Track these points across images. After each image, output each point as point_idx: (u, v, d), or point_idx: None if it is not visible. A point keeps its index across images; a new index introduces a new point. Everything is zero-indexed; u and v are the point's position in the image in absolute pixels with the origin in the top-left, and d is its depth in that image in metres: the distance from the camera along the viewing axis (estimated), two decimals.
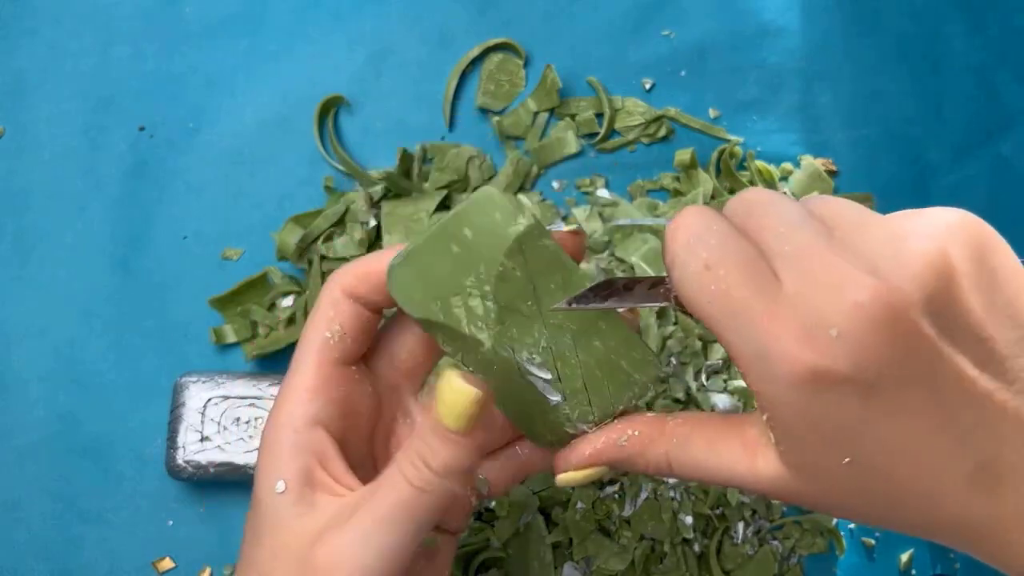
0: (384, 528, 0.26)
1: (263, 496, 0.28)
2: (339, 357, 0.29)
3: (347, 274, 0.29)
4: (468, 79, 0.50)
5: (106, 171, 0.48)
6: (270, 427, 0.29)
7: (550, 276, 0.28)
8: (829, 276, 0.23)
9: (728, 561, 0.45)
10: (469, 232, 0.27)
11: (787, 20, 0.51)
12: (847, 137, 0.50)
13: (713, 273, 0.24)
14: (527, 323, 0.28)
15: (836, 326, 0.22)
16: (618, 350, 0.29)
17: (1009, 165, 0.51)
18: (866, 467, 0.24)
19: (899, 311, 0.22)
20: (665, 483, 0.44)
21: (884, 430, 0.23)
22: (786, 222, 0.24)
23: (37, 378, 0.46)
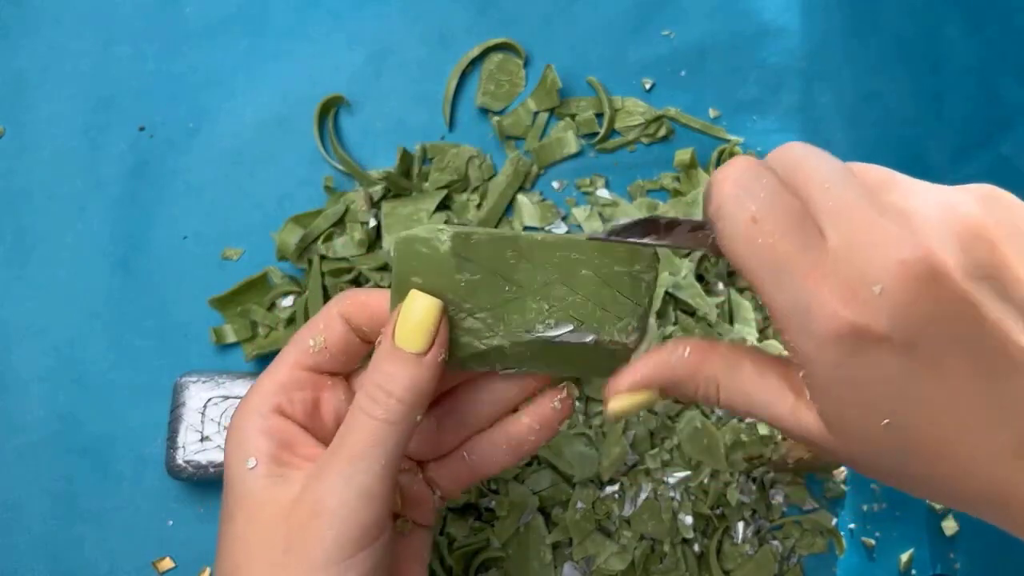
0: (358, 466, 0.27)
1: (234, 474, 0.29)
2: (313, 365, 0.31)
3: (347, 298, 0.31)
4: (468, 79, 0.50)
5: (106, 171, 0.48)
6: (238, 413, 0.30)
7: (502, 255, 0.28)
8: (874, 234, 0.23)
9: (728, 561, 0.45)
10: (417, 278, 0.28)
11: (787, 20, 0.51)
12: (847, 137, 0.50)
13: (760, 227, 0.24)
14: (520, 303, 0.29)
15: (880, 282, 0.22)
16: (601, 267, 0.29)
17: (1009, 165, 0.51)
18: (904, 429, 0.24)
19: (943, 271, 0.22)
20: (665, 483, 0.44)
21: (924, 392, 0.23)
22: (830, 178, 0.24)
23: (37, 378, 0.46)
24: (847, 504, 0.47)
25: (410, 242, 0.28)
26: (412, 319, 0.28)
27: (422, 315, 0.28)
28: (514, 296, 0.29)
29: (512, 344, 0.29)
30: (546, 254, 0.28)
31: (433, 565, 0.43)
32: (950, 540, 0.47)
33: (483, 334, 0.29)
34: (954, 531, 0.47)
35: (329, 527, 0.27)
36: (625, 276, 0.29)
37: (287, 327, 0.46)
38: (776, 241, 0.24)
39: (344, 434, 0.28)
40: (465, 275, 0.28)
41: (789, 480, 0.46)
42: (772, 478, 0.46)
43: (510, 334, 0.29)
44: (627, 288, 0.29)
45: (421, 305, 0.28)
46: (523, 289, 0.28)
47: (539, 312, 0.29)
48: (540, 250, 0.28)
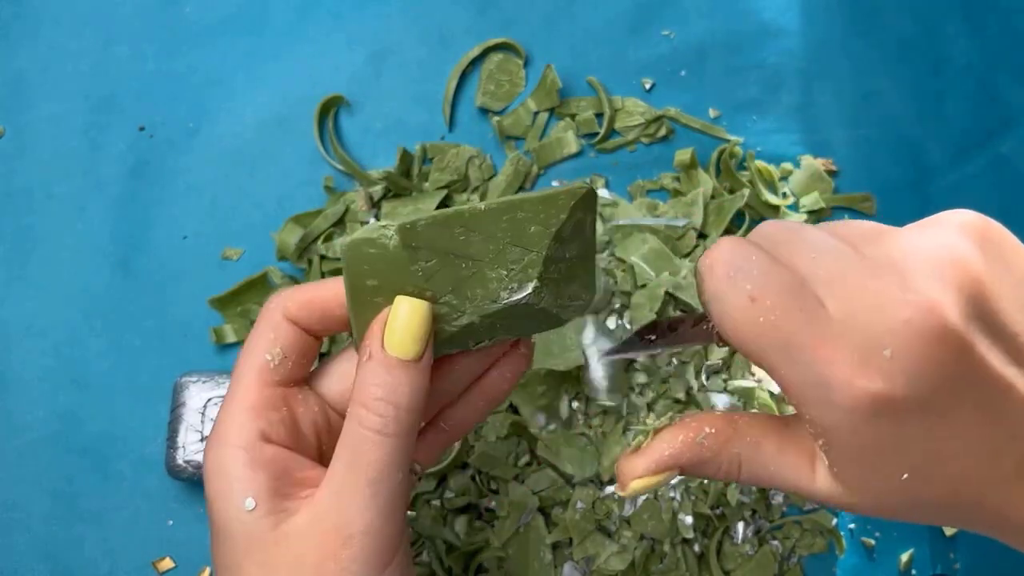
0: (379, 487, 0.26)
1: (230, 520, 0.26)
2: (280, 380, 0.29)
3: (289, 299, 0.29)
4: (468, 79, 0.50)
5: (106, 171, 0.48)
6: (213, 452, 0.28)
7: (451, 234, 0.28)
8: (871, 297, 0.23)
9: (728, 561, 0.45)
10: (372, 281, 0.27)
11: (787, 20, 0.51)
12: (847, 137, 0.50)
13: (759, 305, 0.24)
14: (479, 276, 0.28)
15: (889, 346, 0.22)
16: (548, 220, 0.28)
17: (1009, 165, 0.51)
18: (919, 479, 0.24)
19: (945, 322, 0.22)
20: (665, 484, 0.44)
21: (938, 442, 0.24)
22: (816, 247, 0.24)
23: (37, 378, 0.46)
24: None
25: (357, 246, 0.27)
26: (402, 325, 0.27)
27: (412, 319, 0.27)
28: (472, 271, 0.28)
29: (481, 318, 0.28)
30: (493, 221, 0.28)
31: (433, 565, 0.43)
32: (950, 540, 0.47)
33: (451, 317, 0.28)
34: (954, 531, 0.47)
35: (360, 551, 0.26)
36: (571, 221, 0.28)
37: None
38: (778, 318, 0.23)
39: (356, 455, 0.26)
40: (420, 264, 0.27)
41: None
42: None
43: (477, 309, 0.28)
44: (571, 231, 0.29)
45: (409, 309, 0.27)
46: (479, 262, 0.28)
47: (499, 280, 0.28)
48: (486, 219, 0.28)
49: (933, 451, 0.24)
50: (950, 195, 0.50)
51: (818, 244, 0.24)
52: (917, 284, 0.22)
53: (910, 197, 0.50)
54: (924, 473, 0.24)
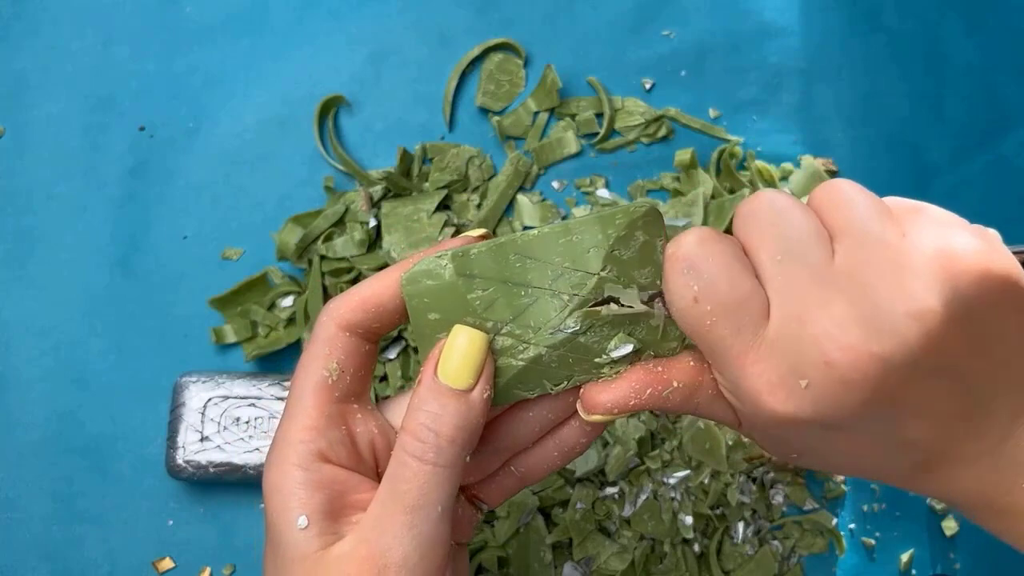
0: (417, 516, 0.26)
1: (283, 535, 0.27)
2: (339, 396, 0.28)
3: (340, 306, 0.28)
4: (468, 79, 0.50)
5: (106, 171, 0.48)
6: (274, 469, 0.28)
7: (506, 261, 0.27)
8: (808, 325, 0.23)
9: (728, 561, 0.45)
10: (433, 314, 0.27)
11: (787, 20, 0.51)
12: (847, 137, 0.50)
13: (700, 307, 0.25)
14: (540, 304, 0.27)
15: (807, 378, 0.24)
16: (606, 241, 0.28)
17: (1009, 165, 0.51)
18: (821, 462, 0.28)
19: (869, 375, 0.23)
20: (665, 484, 0.44)
21: (836, 449, 0.26)
22: (785, 246, 0.24)
23: (37, 378, 0.46)
24: (847, 504, 0.47)
25: (415, 280, 0.27)
26: (456, 354, 0.26)
27: (467, 349, 0.26)
28: (532, 299, 0.27)
29: (548, 349, 0.28)
30: (548, 246, 0.27)
31: None
32: (950, 540, 0.47)
33: (516, 349, 0.28)
34: (954, 531, 0.47)
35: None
36: (630, 241, 0.28)
37: (287, 327, 0.46)
38: (714, 323, 0.25)
39: (396, 482, 0.26)
40: (477, 293, 0.27)
41: (789, 480, 0.46)
42: (772, 478, 0.46)
43: (541, 339, 0.28)
44: (637, 253, 0.28)
45: (466, 339, 0.27)
46: (538, 289, 0.27)
47: (561, 307, 0.27)
48: (541, 244, 0.27)
49: (829, 450, 0.26)
50: (950, 195, 0.50)
51: (789, 239, 0.24)
52: (869, 321, 0.23)
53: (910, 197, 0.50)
54: (826, 461, 0.28)
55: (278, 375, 0.44)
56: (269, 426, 0.43)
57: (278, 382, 0.44)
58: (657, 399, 0.27)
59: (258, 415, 0.43)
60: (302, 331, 0.45)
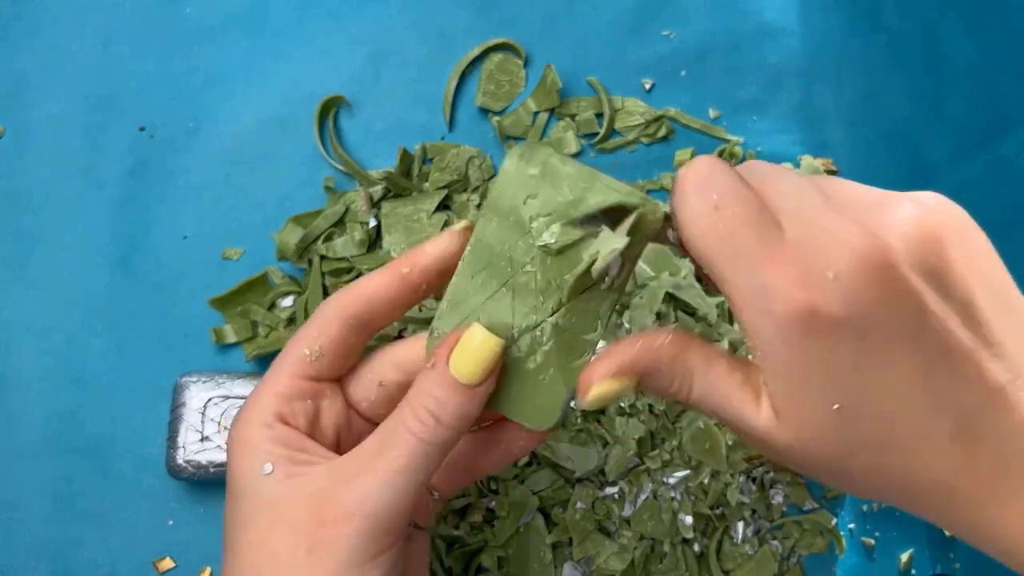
0: (398, 479, 0.27)
1: (246, 483, 0.28)
2: (312, 373, 0.31)
3: (341, 295, 0.31)
4: (468, 79, 0.50)
5: (106, 171, 0.48)
6: (239, 425, 0.30)
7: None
8: (828, 226, 0.24)
9: (728, 561, 0.45)
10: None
11: (787, 20, 0.51)
12: (847, 137, 0.50)
13: (720, 213, 0.25)
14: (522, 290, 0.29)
15: (833, 269, 0.24)
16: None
17: (1009, 165, 0.51)
18: (853, 415, 0.25)
19: (890, 261, 0.24)
20: (665, 484, 0.44)
21: (871, 378, 0.24)
22: (788, 183, 0.26)
23: (37, 378, 0.46)
24: (847, 504, 0.47)
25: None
26: (471, 352, 0.28)
27: (481, 349, 0.28)
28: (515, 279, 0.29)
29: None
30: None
31: (433, 565, 0.43)
32: (950, 540, 0.47)
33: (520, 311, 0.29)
34: None
35: (359, 530, 0.27)
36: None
37: (287, 327, 0.46)
38: (736, 227, 0.25)
39: (387, 442, 0.28)
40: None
41: (789, 480, 0.46)
42: (772, 478, 0.46)
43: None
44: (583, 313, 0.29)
45: (482, 339, 0.28)
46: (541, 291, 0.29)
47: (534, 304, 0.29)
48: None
49: (866, 386, 0.24)
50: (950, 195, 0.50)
51: (793, 182, 0.26)
52: (874, 225, 0.24)
53: None
54: (857, 409, 0.25)
55: None
56: None
57: None
58: (649, 352, 0.27)
59: None
60: None
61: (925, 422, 0.25)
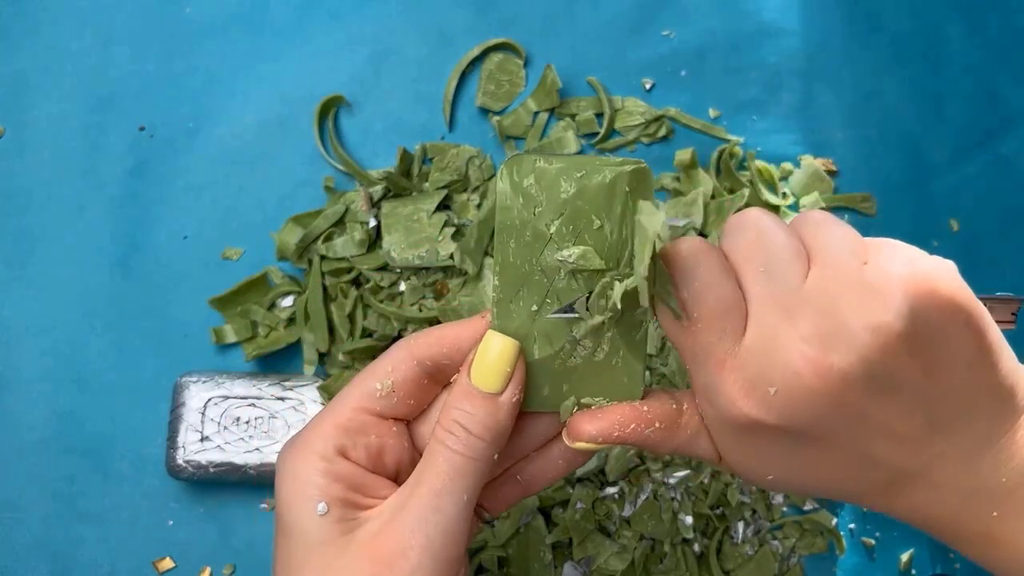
0: (442, 501, 0.27)
1: (299, 522, 0.27)
2: (379, 410, 0.29)
3: (419, 337, 0.30)
4: (468, 79, 0.50)
5: (106, 171, 0.48)
6: (292, 454, 0.28)
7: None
8: (781, 339, 0.25)
9: (728, 561, 0.45)
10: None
11: (787, 20, 0.51)
12: (847, 137, 0.50)
13: (687, 313, 0.27)
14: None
15: (775, 385, 0.25)
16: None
17: (1009, 165, 0.51)
18: (789, 481, 0.29)
19: (832, 385, 0.25)
20: (665, 484, 0.44)
21: (806, 458, 0.27)
22: (767, 261, 0.26)
23: (37, 378, 0.46)
24: (847, 504, 0.47)
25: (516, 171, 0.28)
26: (488, 360, 0.28)
27: (499, 356, 0.28)
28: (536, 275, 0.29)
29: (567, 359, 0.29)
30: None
31: None
32: None
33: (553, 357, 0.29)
34: None
35: (419, 564, 0.26)
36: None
37: (287, 327, 0.46)
38: (699, 329, 0.27)
39: (424, 469, 0.28)
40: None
41: None
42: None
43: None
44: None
45: (498, 346, 0.28)
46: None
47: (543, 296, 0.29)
48: None
49: (800, 463, 0.28)
50: (950, 195, 0.50)
51: (773, 256, 0.26)
52: (834, 338, 0.25)
53: (910, 197, 0.50)
54: (788, 478, 0.28)
55: (278, 375, 0.44)
56: (269, 426, 0.43)
57: (278, 382, 0.44)
58: (639, 435, 0.29)
59: (258, 415, 0.43)
60: (302, 331, 0.45)
61: (859, 480, 0.28)
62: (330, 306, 0.46)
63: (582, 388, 0.29)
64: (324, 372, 0.46)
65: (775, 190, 0.49)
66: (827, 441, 0.26)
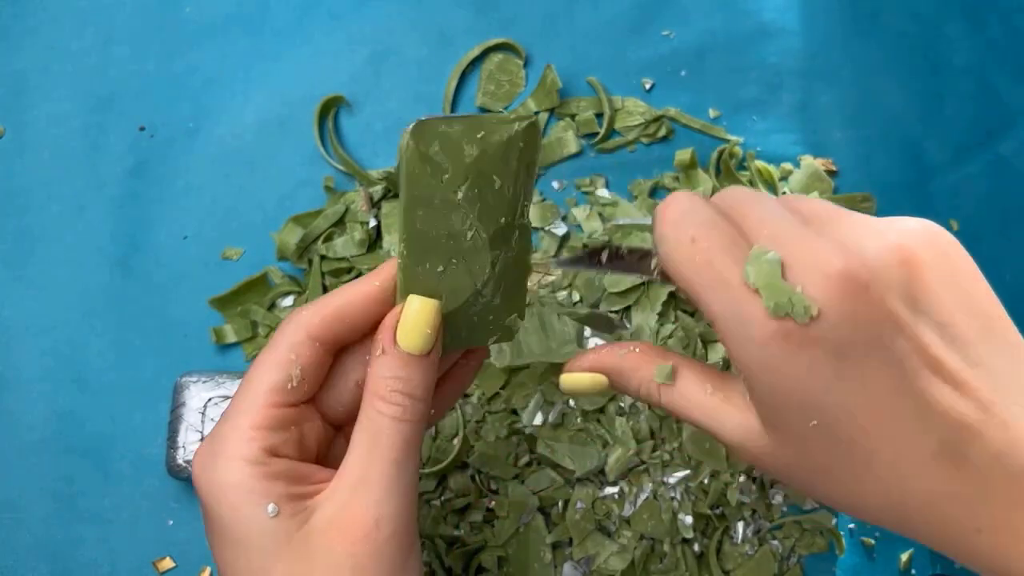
0: (401, 468, 0.28)
1: (250, 530, 0.27)
2: (292, 401, 0.29)
3: (313, 315, 0.29)
4: (468, 79, 0.50)
5: (106, 171, 0.48)
6: (217, 466, 0.27)
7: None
8: (803, 251, 0.25)
9: (728, 561, 0.45)
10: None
11: (787, 20, 0.51)
12: (847, 137, 0.50)
13: (698, 245, 0.26)
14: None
15: (807, 292, 0.24)
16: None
17: (1009, 165, 0.51)
18: (832, 432, 0.25)
19: (866, 284, 0.24)
20: (665, 483, 0.44)
21: (849, 395, 0.25)
22: (766, 212, 0.26)
23: (37, 378, 0.46)
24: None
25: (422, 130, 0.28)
26: (414, 323, 0.28)
27: (422, 317, 0.28)
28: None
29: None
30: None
31: (433, 565, 0.43)
32: None
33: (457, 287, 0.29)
34: None
35: (393, 531, 0.27)
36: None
37: None
38: (713, 257, 0.26)
39: (376, 440, 0.27)
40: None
41: None
42: (772, 478, 0.46)
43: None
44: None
45: (420, 307, 0.28)
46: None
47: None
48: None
49: (845, 404, 0.25)
50: (950, 195, 0.50)
51: (768, 209, 0.26)
52: (852, 249, 0.24)
53: (910, 197, 0.50)
54: (836, 425, 0.25)
55: None
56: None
57: None
58: (614, 356, 0.31)
59: None
60: None
61: (906, 439, 0.25)
62: None
63: (481, 329, 0.30)
64: None
65: (775, 190, 0.49)
66: (869, 364, 0.24)
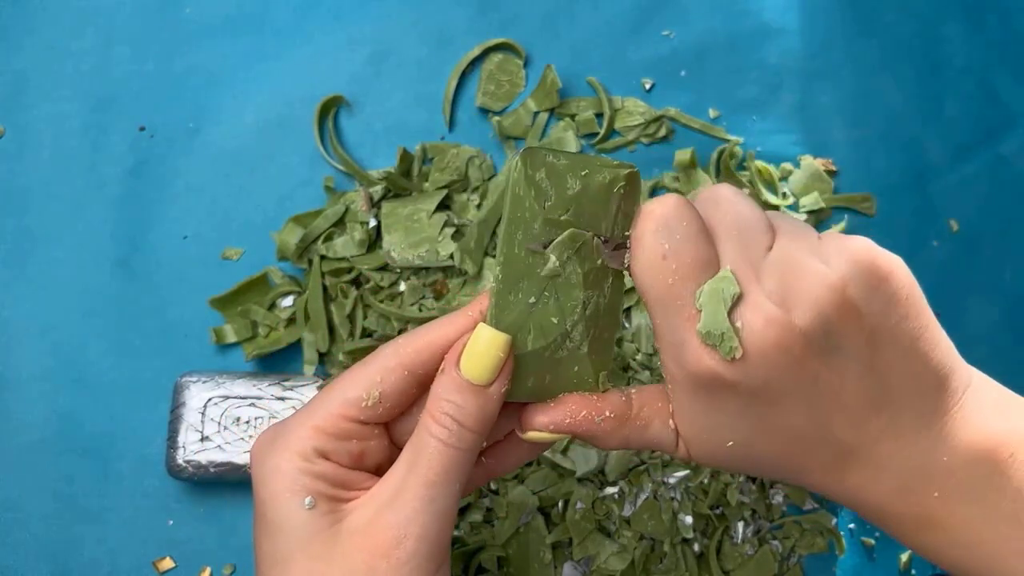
0: (436, 491, 0.28)
1: (285, 516, 0.27)
2: (363, 419, 0.29)
3: (408, 344, 0.29)
4: (468, 79, 0.50)
5: (106, 171, 0.48)
6: (270, 451, 0.28)
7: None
8: (748, 297, 0.27)
9: (728, 561, 0.45)
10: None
11: (787, 20, 0.51)
12: (847, 137, 0.50)
13: (666, 264, 0.27)
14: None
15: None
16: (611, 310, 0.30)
17: (1009, 165, 0.51)
18: (744, 451, 0.29)
19: (790, 341, 0.26)
20: (665, 483, 0.44)
21: (762, 422, 0.28)
22: (740, 226, 0.28)
23: (37, 378, 0.46)
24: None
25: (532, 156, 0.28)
26: (478, 352, 0.28)
27: (488, 349, 0.28)
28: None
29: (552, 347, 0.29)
30: None
31: None
32: None
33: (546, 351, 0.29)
34: None
35: (415, 552, 0.27)
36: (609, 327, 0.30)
37: (287, 327, 0.46)
38: (675, 282, 0.27)
39: (417, 460, 0.28)
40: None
41: None
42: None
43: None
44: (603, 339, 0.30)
45: (488, 338, 0.28)
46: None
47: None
48: None
49: (757, 428, 0.28)
50: (950, 195, 0.50)
51: (746, 222, 0.28)
52: (790, 298, 0.26)
53: (910, 197, 0.50)
54: (749, 445, 0.29)
55: (278, 375, 0.44)
56: (269, 426, 0.43)
57: (278, 382, 0.44)
58: (590, 424, 0.29)
59: (258, 415, 0.43)
60: (302, 331, 0.45)
61: (809, 456, 0.29)
62: (330, 306, 0.46)
63: (564, 379, 0.30)
64: (324, 372, 0.46)
65: (775, 190, 0.49)
66: (783, 405, 0.27)
